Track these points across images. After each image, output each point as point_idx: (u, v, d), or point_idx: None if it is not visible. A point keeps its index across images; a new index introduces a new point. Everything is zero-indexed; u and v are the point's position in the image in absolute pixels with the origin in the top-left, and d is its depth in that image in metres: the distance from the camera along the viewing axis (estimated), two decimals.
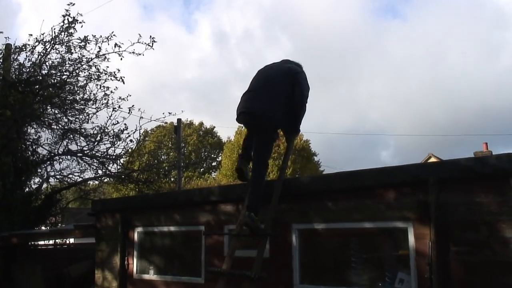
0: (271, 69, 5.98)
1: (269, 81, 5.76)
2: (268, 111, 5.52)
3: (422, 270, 4.45)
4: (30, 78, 12.33)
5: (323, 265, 5.79)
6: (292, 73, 5.79)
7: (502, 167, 4.13)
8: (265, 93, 5.64)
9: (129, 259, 7.29)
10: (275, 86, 5.68)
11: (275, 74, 5.83)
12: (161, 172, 16.25)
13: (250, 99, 5.74)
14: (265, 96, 5.60)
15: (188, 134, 48.52)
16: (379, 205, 4.86)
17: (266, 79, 5.82)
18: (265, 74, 5.93)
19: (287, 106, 5.68)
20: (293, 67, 5.94)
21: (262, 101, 5.59)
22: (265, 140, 5.68)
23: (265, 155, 5.73)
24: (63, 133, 13.42)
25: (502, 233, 4.11)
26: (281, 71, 5.86)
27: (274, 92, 5.62)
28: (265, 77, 5.87)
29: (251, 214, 5.29)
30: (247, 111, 5.67)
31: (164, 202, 7.20)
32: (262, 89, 5.71)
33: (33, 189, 13.70)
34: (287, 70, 5.85)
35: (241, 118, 5.78)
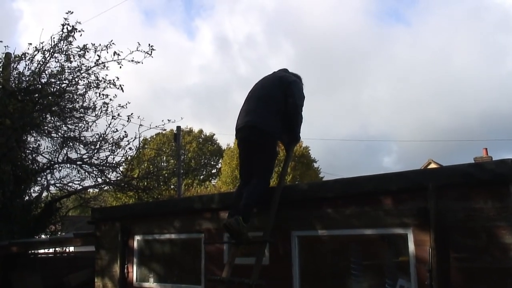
0: (266, 81, 5.96)
1: (264, 93, 5.75)
2: (266, 123, 5.50)
3: (422, 276, 4.45)
4: (30, 86, 12.34)
5: (323, 272, 5.79)
6: (285, 84, 5.75)
7: (501, 173, 4.13)
8: (261, 106, 5.62)
9: (129, 267, 7.28)
10: (269, 98, 5.66)
11: (269, 86, 5.81)
12: (161, 179, 16.23)
13: (247, 114, 5.72)
14: (261, 110, 5.59)
15: (188, 141, 48.52)
16: (378, 211, 4.86)
17: (261, 92, 5.80)
18: (260, 87, 5.92)
19: (283, 117, 5.66)
20: (286, 76, 5.90)
21: (259, 114, 5.57)
22: (266, 155, 5.60)
23: (267, 169, 5.60)
24: (62, 141, 13.42)
25: (501, 239, 4.10)
26: (275, 82, 5.83)
27: (269, 105, 5.60)
28: (260, 90, 5.86)
29: (238, 218, 5.17)
30: (245, 125, 5.65)
31: (164, 209, 7.20)
32: (258, 102, 5.70)
33: (33, 197, 13.69)
34: (279, 80, 5.81)
35: (240, 133, 5.74)
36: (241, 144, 5.87)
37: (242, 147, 5.88)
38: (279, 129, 5.62)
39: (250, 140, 5.65)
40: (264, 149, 5.57)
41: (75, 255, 12.21)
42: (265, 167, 5.61)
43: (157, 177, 16.01)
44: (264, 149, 5.57)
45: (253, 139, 5.61)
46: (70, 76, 12.75)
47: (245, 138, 5.73)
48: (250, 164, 5.70)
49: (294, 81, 5.86)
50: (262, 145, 5.55)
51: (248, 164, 5.75)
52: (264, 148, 5.57)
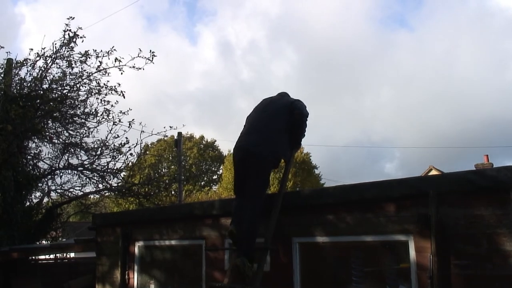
0: (269, 102, 5.98)
1: (266, 114, 5.76)
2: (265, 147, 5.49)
3: (423, 283, 4.44)
4: (31, 92, 12.39)
5: (324, 279, 5.78)
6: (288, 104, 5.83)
7: (502, 180, 4.14)
8: (263, 128, 5.63)
9: (130, 273, 7.27)
10: (272, 118, 5.68)
11: (273, 107, 5.83)
12: (162, 185, 16.25)
13: (247, 135, 5.74)
14: (263, 132, 5.59)
15: (189, 148, 48.56)
16: (379, 218, 4.86)
17: (264, 113, 5.81)
18: (263, 107, 5.93)
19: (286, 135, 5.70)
20: (288, 100, 5.97)
21: (259, 137, 5.57)
22: (262, 180, 5.56)
23: (261, 197, 5.52)
24: (64, 147, 13.46)
25: (502, 246, 4.10)
26: (279, 105, 5.87)
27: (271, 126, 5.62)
28: (262, 111, 5.86)
29: (243, 259, 5.18)
30: (243, 146, 5.65)
31: (165, 215, 7.20)
32: (260, 124, 5.71)
33: (33, 203, 13.71)
34: (284, 103, 5.87)
35: (238, 153, 5.71)
36: (237, 165, 5.82)
37: (237, 168, 5.83)
38: (278, 149, 5.61)
39: (247, 161, 5.59)
40: (259, 172, 5.52)
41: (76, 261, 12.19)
42: (259, 191, 5.53)
43: (158, 183, 16.03)
44: (259, 172, 5.52)
45: (249, 161, 5.55)
46: (72, 82, 12.82)
47: (241, 159, 5.69)
48: (243, 184, 5.64)
49: (297, 100, 5.94)
50: (258, 168, 5.51)
51: (242, 184, 5.68)
52: (259, 171, 5.52)
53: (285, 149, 5.74)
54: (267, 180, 5.66)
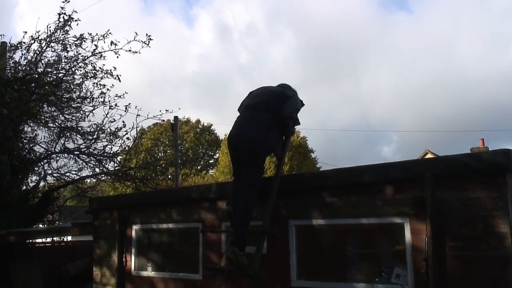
0: (263, 93, 5.86)
1: (260, 106, 5.66)
2: (259, 136, 5.43)
3: (418, 265, 4.48)
4: (26, 76, 12.32)
5: (320, 261, 5.82)
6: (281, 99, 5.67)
7: (497, 163, 4.16)
8: (256, 118, 5.56)
9: (127, 256, 7.30)
10: (265, 110, 5.58)
11: (266, 98, 5.71)
12: (158, 169, 16.26)
13: (241, 124, 5.68)
14: (256, 121, 5.53)
15: (185, 132, 48.49)
16: (375, 201, 4.89)
17: (257, 104, 5.71)
18: (257, 97, 5.82)
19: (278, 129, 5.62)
20: (283, 91, 5.83)
21: (253, 126, 5.51)
22: (256, 168, 5.51)
23: (254, 185, 5.44)
24: (59, 131, 13.43)
25: (497, 228, 4.14)
26: (271, 94, 5.76)
27: (264, 117, 5.53)
28: (256, 102, 5.75)
29: (234, 249, 5.12)
30: (238, 135, 5.60)
31: (162, 199, 7.21)
32: (253, 113, 5.64)
33: (30, 187, 13.73)
34: (276, 93, 5.76)
35: (233, 141, 5.68)
36: (231, 152, 5.80)
37: (232, 155, 5.80)
38: (271, 142, 5.55)
39: (240, 150, 5.56)
40: (253, 163, 5.47)
41: (73, 245, 12.24)
42: (252, 180, 5.45)
43: (155, 167, 16.05)
44: (253, 163, 5.47)
45: (243, 150, 5.52)
46: (67, 65, 12.75)
47: (235, 147, 5.66)
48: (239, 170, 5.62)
49: (292, 97, 5.78)
50: (251, 158, 5.46)
51: (238, 169, 5.66)
52: (253, 161, 5.47)
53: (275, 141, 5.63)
54: (261, 168, 5.65)
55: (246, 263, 5.10)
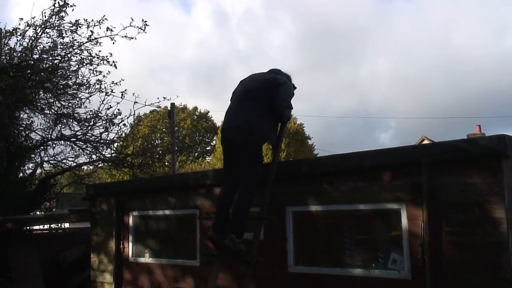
0: (253, 81, 5.76)
1: (251, 94, 5.55)
2: (253, 125, 5.35)
3: (414, 250, 4.51)
4: (22, 62, 12.25)
5: (317, 247, 5.85)
6: (273, 86, 5.55)
7: (493, 148, 4.16)
8: (248, 107, 5.46)
9: (125, 243, 7.32)
10: (257, 99, 5.49)
11: (256, 87, 5.60)
12: (155, 156, 16.25)
13: (233, 114, 5.58)
14: (248, 111, 5.43)
15: (182, 119, 48.42)
16: (372, 187, 4.90)
17: (248, 92, 5.60)
18: (247, 86, 5.72)
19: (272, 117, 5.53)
20: (275, 78, 5.68)
21: (246, 115, 5.41)
22: (252, 158, 5.41)
23: (252, 176, 5.36)
24: (56, 118, 13.38)
25: (493, 213, 4.16)
26: (263, 83, 5.63)
27: (256, 106, 5.45)
28: (247, 90, 5.66)
29: (232, 236, 5.09)
30: (231, 126, 5.50)
31: (159, 186, 7.22)
32: (244, 103, 5.54)
33: (27, 174, 13.71)
34: (268, 82, 5.62)
35: (225, 134, 5.60)
36: (225, 145, 5.70)
37: (226, 147, 5.71)
38: (266, 131, 5.46)
39: (236, 141, 5.45)
40: (250, 151, 5.39)
41: (70, 232, 12.25)
42: (250, 172, 5.37)
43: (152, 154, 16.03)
44: (250, 151, 5.39)
45: (238, 141, 5.41)
46: (63, 52, 12.68)
47: (230, 139, 5.54)
48: (233, 167, 5.54)
49: (284, 83, 5.66)
50: (247, 148, 5.37)
51: (231, 167, 5.58)
52: (249, 151, 5.39)
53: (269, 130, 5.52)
54: (260, 157, 5.57)
55: (244, 250, 5.11)
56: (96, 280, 7.81)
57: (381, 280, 4.79)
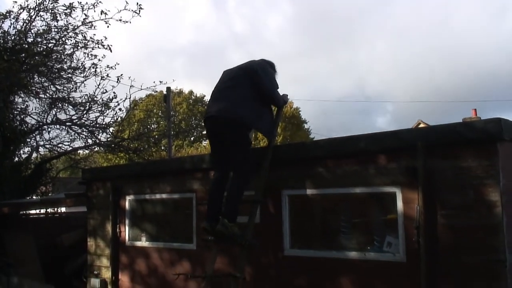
0: (231, 72, 5.70)
1: (231, 83, 5.51)
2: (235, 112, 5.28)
3: (410, 233, 4.53)
4: (16, 46, 12.18)
5: (312, 230, 5.88)
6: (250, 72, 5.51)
7: (489, 132, 4.17)
8: (230, 95, 5.42)
9: (121, 226, 7.34)
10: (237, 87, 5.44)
11: (235, 76, 5.56)
12: (151, 141, 16.24)
13: (216, 103, 5.53)
14: (230, 98, 5.38)
15: (178, 103, 48.27)
16: (368, 170, 4.91)
17: (228, 82, 5.56)
18: (227, 77, 5.66)
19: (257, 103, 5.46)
20: (249, 65, 5.63)
21: (228, 103, 5.36)
22: (238, 146, 5.34)
23: (242, 161, 5.33)
24: (51, 102, 13.35)
25: (488, 196, 4.17)
26: (239, 72, 5.59)
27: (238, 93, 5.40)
28: (227, 80, 5.61)
29: (224, 221, 5.09)
30: (214, 114, 5.43)
31: (155, 170, 7.21)
32: (225, 91, 5.49)
33: (22, 158, 13.69)
34: (244, 70, 5.59)
35: (209, 122, 5.53)
36: (211, 134, 5.65)
37: (212, 136, 5.66)
38: (250, 117, 5.37)
39: (220, 129, 5.41)
40: (236, 138, 5.33)
41: (67, 216, 12.27)
42: (240, 159, 5.34)
43: (148, 138, 16.02)
44: (236, 138, 5.33)
45: (223, 128, 5.37)
46: (57, 35, 12.63)
47: (214, 127, 5.50)
48: (222, 154, 5.51)
49: (258, 66, 5.61)
50: (233, 134, 5.32)
51: (220, 155, 5.54)
52: (235, 137, 5.33)
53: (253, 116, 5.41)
54: (245, 143, 5.45)
55: (237, 233, 5.12)
56: (93, 264, 7.84)
57: (376, 263, 4.82)
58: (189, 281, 6.24)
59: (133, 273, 7.15)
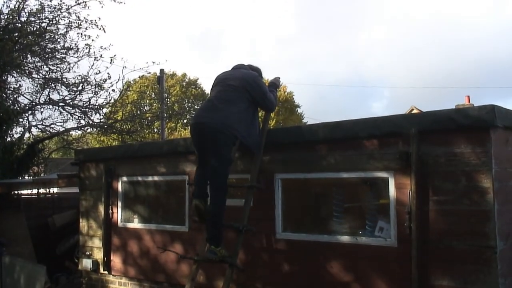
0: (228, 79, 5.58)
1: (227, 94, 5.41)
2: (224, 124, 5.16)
3: (401, 218, 4.56)
4: (9, 25, 12.04)
5: (305, 214, 5.91)
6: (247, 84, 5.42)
7: (482, 119, 4.18)
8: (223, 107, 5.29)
9: (113, 208, 7.34)
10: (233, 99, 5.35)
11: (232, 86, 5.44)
12: (144, 122, 16.19)
13: (207, 110, 5.45)
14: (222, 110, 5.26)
15: (171, 85, 48.03)
16: (361, 155, 4.92)
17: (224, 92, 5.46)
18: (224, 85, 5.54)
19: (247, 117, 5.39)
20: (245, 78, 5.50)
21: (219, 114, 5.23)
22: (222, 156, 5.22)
23: (224, 173, 5.23)
24: (44, 82, 13.25)
25: (480, 183, 4.20)
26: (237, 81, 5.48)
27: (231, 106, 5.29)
28: (223, 89, 5.50)
29: (211, 248, 5.14)
30: (202, 121, 5.32)
31: (148, 151, 7.19)
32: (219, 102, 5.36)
33: (15, 139, 13.61)
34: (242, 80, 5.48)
35: (197, 128, 5.36)
36: (195, 138, 5.45)
37: (196, 141, 5.46)
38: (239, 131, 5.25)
39: (205, 136, 5.27)
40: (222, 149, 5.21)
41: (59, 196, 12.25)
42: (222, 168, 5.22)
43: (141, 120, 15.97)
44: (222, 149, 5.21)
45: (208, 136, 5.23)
46: (50, 15, 12.50)
47: (199, 133, 5.35)
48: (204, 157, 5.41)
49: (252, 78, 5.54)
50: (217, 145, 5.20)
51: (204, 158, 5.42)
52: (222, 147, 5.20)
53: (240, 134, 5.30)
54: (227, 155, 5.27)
55: (226, 254, 5.16)
56: (85, 245, 7.85)
57: (367, 247, 4.86)
58: (181, 263, 6.27)
59: (125, 254, 7.17)
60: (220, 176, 5.23)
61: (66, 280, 9.18)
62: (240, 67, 5.80)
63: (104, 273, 7.45)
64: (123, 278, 7.26)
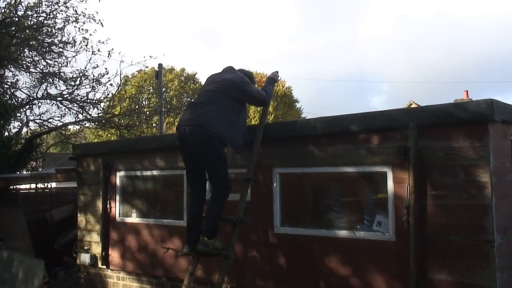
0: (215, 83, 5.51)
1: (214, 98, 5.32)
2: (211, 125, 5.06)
3: (399, 213, 4.56)
4: (6, 19, 11.99)
5: (303, 209, 5.91)
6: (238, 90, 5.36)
7: (480, 113, 4.18)
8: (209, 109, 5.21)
9: (111, 202, 7.33)
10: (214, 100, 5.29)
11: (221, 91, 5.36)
12: (142, 117, 16.16)
13: (192, 113, 5.31)
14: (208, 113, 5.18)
15: (170, 80, 47.95)
16: (359, 150, 4.92)
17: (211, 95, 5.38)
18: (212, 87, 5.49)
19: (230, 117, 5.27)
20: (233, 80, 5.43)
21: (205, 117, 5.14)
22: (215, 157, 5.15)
23: (222, 172, 5.19)
24: (41, 76, 13.22)
25: (478, 177, 4.20)
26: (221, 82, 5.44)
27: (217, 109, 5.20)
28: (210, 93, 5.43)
29: (204, 240, 5.06)
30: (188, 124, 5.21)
31: (146, 146, 7.18)
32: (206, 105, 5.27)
33: (12, 133, 13.60)
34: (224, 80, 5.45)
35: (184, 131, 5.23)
36: (182, 145, 5.32)
37: (184, 148, 5.34)
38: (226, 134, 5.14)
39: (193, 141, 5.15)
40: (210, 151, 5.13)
41: (57, 191, 12.24)
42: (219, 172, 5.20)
43: (139, 114, 15.95)
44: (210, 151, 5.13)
45: (196, 140, 5.12)
46: (48, 9, 12.44)
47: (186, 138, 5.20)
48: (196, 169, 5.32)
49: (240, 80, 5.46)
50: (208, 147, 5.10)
51: (194, 169, 5.36)
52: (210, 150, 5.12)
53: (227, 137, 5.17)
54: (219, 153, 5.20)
55: (219, 247, 5.11)
56: (83, 240, 7.85)
57: (366, 242, 4.86)
58: (179, 257, 6.27)
59: (123, 248, 7.17)
60: (221, 173, 5.22)
61: (64, 274, 9.16)
62: (229, 70, 5.70)
63: (102, 267, 7.45)
64: (121, 273, 7.26)
